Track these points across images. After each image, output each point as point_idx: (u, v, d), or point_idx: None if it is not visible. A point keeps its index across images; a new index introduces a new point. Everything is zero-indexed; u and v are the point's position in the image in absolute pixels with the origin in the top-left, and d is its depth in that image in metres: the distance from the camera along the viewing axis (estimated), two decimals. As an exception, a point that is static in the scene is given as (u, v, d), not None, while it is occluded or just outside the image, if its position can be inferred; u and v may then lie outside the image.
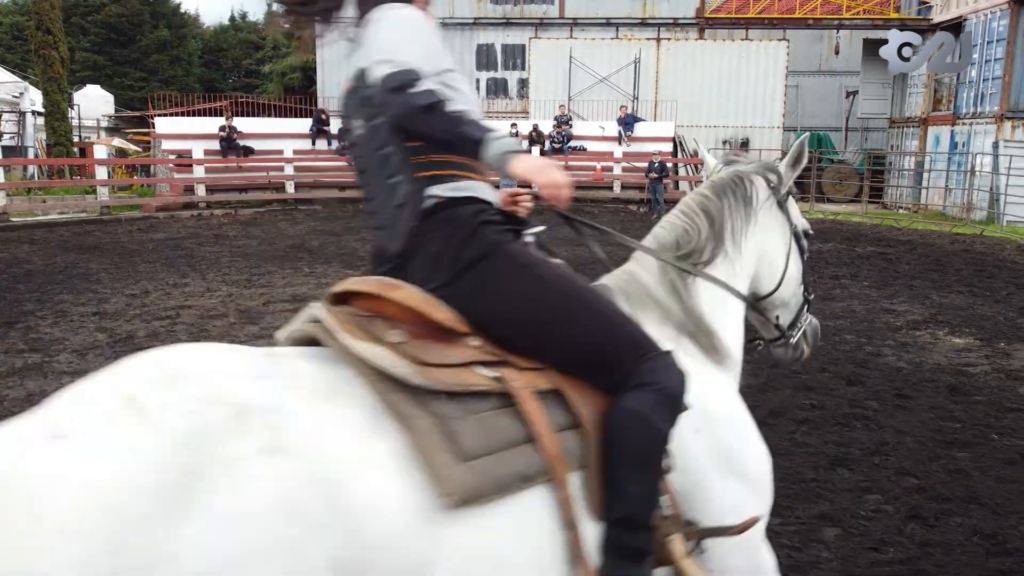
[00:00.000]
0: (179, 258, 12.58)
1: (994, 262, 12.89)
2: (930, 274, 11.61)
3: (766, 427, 5.23)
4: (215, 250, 13.44)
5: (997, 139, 20.24)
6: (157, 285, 10.23)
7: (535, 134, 22.38)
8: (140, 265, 11.88)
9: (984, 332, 8.02)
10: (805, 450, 4.75)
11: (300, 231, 16.22)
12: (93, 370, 5.45)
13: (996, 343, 7.59)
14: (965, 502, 4.08)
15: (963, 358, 7.04)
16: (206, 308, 8.79)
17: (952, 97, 23.23)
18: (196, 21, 57.01)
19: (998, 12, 20.77)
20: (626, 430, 1.63)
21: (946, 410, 5.54)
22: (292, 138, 21.20)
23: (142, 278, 10.74)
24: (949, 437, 5.00)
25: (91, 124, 29.70)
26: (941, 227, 18.10)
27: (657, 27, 25.94)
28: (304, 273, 11.17)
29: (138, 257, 12.67)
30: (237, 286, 10.16)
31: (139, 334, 7.59)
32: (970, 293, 10.16)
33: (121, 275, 10.97)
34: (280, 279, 10.69)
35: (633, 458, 1.62)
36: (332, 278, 10.71)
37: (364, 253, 13.05)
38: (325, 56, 25.99)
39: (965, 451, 4.79)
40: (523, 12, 25.85)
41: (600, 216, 19.57)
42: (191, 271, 11.33)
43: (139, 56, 45.36)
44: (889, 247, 14.66)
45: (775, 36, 25.67)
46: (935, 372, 6.53)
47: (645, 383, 1.66)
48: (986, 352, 7.26)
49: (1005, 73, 20.32)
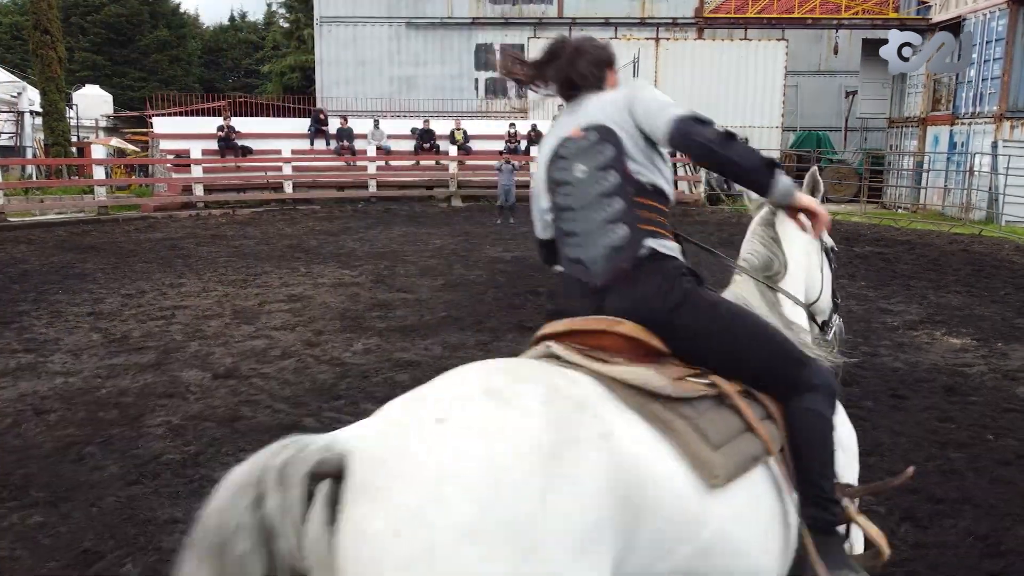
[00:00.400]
0: (176, 258, 12.56)
1: (992, 262, 12.87)
2: (928, 274, 11.60)
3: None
4: (212, 250, 13.42)
5: (996, 139, 20.21)
6: (153, 285, 10.21)
7: (533, 134, 22.36)
8: (137, 265, 11.86)
9: (981, 332, 8.01)
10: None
11: (298, 231, 16.20)
12: (87, 371, 5.42)
13: (993, 343, 7.58)
14: (959, 503, 4.07)
15: (960, 358, 7.02)
16: (202, 308, 8.77)
17: (951, 97, 23.22)
18: (196, 21, 56.98)
19: (997, 12, 20.76)
20: (811, 424, 2.05)
21: (942, 410, 5.52)
22: (290, 138, 21.19)
23: (138, 278, 10.72)
24: (944, 437, 4.99)
25: (90, 124, 29.68)
26: (940, 227, 18.09)
27: (656, 27, 25.93)
28: (301, 273, 11.15)
29: (135, 257, 12.65)
30: (233, 286, 10.14)
31: (134, 334, 7.57)
32: (968, 293, 10.15)
33: (117, 275, 10.95)
34: (277, 279, 10.67)
35: (819, 446, 2.05)
36: (328, 278, 10.71)
37: (361, 253, 13.04)
38: (323, 55, 25.98)
39: (960, 452, 4.77)
40: (522, 12, 25.84)
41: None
42: (187, 271, 11.32)
43: (138, 56, 45.34)
44: (887, 247, 14.64)
45: (774, 36, 25.66)
46: (931, 372, 6.51)
47: (814, 385, 2.08)
48: (983, 352, 7.25)
49: (1004, 73, 20.31)
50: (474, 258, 12.53)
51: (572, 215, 2.13)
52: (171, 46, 47.02)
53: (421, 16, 25.67)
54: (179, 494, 4.17)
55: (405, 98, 25.62)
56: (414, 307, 8.89)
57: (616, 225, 2.05)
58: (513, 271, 11.28)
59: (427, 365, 6.53)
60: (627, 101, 2.12)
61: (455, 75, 26.03)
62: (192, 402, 5.63)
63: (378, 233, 15.82)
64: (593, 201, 2.08)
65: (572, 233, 2.14)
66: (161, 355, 6.84)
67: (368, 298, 9.40)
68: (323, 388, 5.95)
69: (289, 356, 6.84)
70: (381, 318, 8.34)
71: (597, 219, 2.07)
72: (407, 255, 12.88)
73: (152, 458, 4.63)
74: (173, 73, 46.30)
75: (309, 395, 5.79)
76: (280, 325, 7.98)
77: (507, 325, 7.96)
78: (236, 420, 5.25)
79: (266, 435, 4.95)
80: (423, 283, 10.38)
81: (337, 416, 5.33)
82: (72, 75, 41.63)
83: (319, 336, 7.54)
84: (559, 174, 2.17)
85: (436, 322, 8.15)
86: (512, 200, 18.00)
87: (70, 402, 5.59)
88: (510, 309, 8.74)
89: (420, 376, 6.19)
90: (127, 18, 45.02)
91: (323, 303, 9.09)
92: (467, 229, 16.55)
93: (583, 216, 2.10)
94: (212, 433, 5.02)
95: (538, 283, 10.35)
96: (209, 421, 5.24)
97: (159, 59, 45.77)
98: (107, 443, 4.85)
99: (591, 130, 2.11)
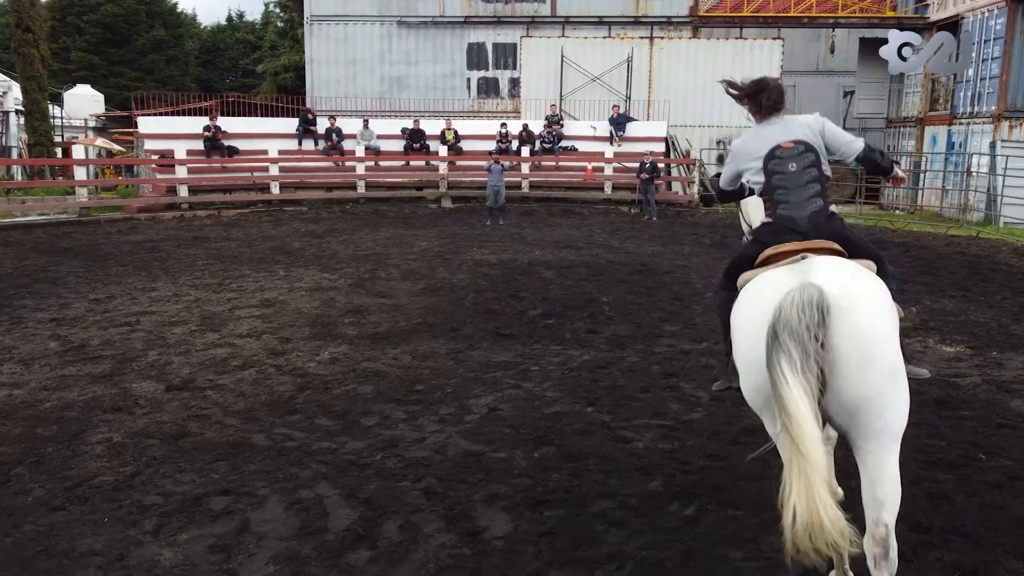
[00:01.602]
0: (153, 261, 12.25)
1: (989, 265, 12.56)
2: (923, 277, 11.29)
3: (739, 444, 4.92)
4: (191, 252, 13.12)
5: (994, 139, 19.90)
6: (124, 289, 9.91)
7: (525, 134, 22.05)
8: (112, 268, 11.55)
9: (976, 340, 7.70)
10: (779, 473, 4.41)
11: (282, 233, 15.89)
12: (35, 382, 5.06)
13: (988, 351, 7.27)
14: (946, 532, 3.76)
15: (953, 368, 6.72)
16: (169, 314, 8.46)
17: (949, 97, 22.90)
18: (193, 21, 56.62)
19: (995, 10, 20.44)
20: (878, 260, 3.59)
21: (932, 426, 5.21)
22: (278, 138, 20.84)
23: (111, 282, 10.42)
24: (933, 457, 4.68)
25: (79, 124, 29.33)
26: (937, 228, 17.78)
27: (650, 25, 25.58)
28: (279, 277, 10.85)
29: (111, 260, 12.34)
30: (207, 290, 9.83)
31: (93, 342, 7.26)
32: (963, 297, 9.84)
33: (90, 278, 10.65)
34: (253, 283, 10.36)
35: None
36: (307, 282, 10.41)
37: (344, 256, 12.74)
38: (314, 54, 25.65)
39: (949, 473, 4.47)
40: (514, 10, 25.48)
41: (590, 218, 19.25)
42: (163, 274, 11.01)
43: (135, 56, 44.94)
44: (882, 249, 14.11)
45: (770, 35, 25.33)
46: (922, 383, 6.17)
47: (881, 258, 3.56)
48: (977, 361, 6.94)
49: (1003, 72, 19.99)
50: (458, 261, 12.22)
51: (785, 192, 3.45)
52: (168, 46, 46.63)
53: (413, 15, 25.33)
54: (104, 522, 3.86)
55: (396, 97, 25.27)
56: (390, 312, 8.58)
57: (816, 199, 3.44)
58: (497, 275, 10.98)
59: (393, 376, 6.23)
60: (819, 126, 3.60)
61: (447, 74, 25.67)
62: (139, 417, 5.33)
63: (364, 235, 15.51)
64: (801, 185, 3.45)
65: (785, 202, 3.44)
66: (116, 365, 6.53)
67: (344, 303, 9.10)
68: (280, 401, 5.64)
69: (250, 366, 6.53)
70: (354, 324, 8.03)
71: (804, 195, 3.43)
72: (391, 258, 12.57)
73: (83, 480, 4.32)
74: (170, 73, 45.89)
75: (264, 409, 5.48)
76: (247, 332, 7.67)
77: (482, 332, 7.65)
78: (181, 437, 4.94)
79: (209, 455, 4.66)
80: (403, 287, 10.08)
81: (288, 433, 5.02)
82: (68, 75, 41.44)
83: (285, 344, 7.23)
84: (774, 165, 3.49)
85: (410, 329, 7.85)
86: (502, 201, 17.68)
87: (9, 417, 5.28)
88: (488, 315, 8.43)
89: (384, 389, 5.90)
90: (124, 18, 44.58)
91: (296, 308, 8.78)
92: (455, 231, 16.25)
93: (794, 193, 3.44)
94: (153, 452, 4.71)
95: (521, 287, 10.05)
96: (153, 438, 4.93)
97: (156, 59, 45.38)
98: (39, 463, 4.55)
99: (799, 143, 3.51)
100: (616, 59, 24.40)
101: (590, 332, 7.73)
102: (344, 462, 4.57)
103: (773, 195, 3.47)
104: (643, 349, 7.12)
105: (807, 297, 2.78)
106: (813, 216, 3.37)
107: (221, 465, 4.52)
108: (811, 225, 3.35)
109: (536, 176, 21.84)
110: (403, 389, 5.90)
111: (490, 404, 5.56)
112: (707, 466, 4.52)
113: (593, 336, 7.58)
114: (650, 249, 14.00)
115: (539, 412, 5.41)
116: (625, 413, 5.40)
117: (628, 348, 7.15)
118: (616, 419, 5.28)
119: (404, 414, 5.38)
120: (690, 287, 10.14)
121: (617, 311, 8.73)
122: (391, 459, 4.62)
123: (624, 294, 9.70)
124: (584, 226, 17.45)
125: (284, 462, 4.57)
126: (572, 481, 4.34)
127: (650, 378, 6.23)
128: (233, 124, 21.32)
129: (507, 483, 4.31)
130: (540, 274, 11.11)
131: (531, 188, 21.56)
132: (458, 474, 4.41)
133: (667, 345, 7.29)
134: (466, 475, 4.39)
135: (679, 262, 12.43)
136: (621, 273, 11.23)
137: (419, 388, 5.92)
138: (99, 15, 44.18)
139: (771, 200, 3.49)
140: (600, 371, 6.40)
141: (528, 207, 20.65)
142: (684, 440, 4.92)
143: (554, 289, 9.97)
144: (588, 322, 8.18)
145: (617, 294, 9.68)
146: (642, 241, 15.10)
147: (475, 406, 5.53)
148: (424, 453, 4.71)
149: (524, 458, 4.64)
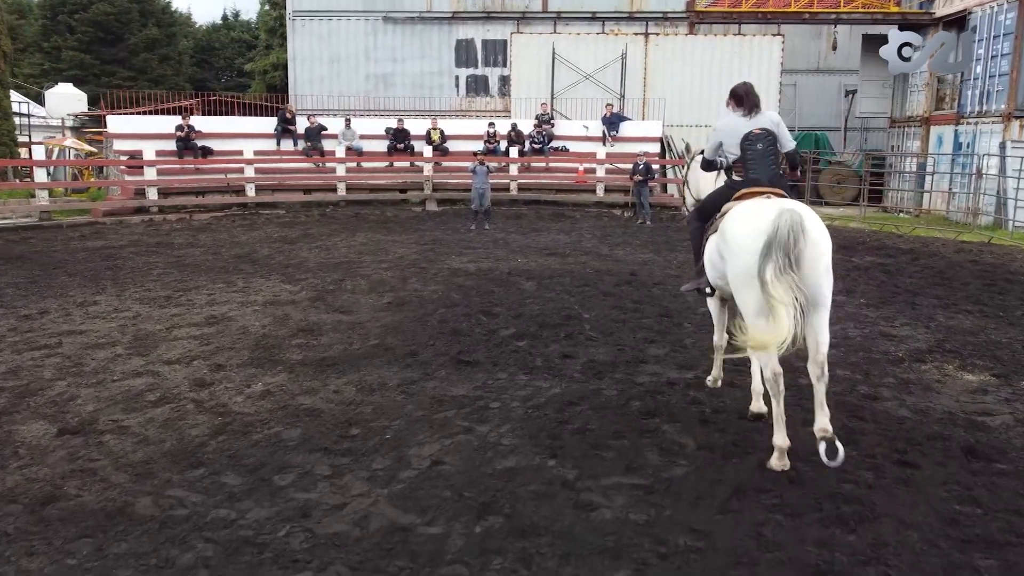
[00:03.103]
0: (106, 270, 11.37)
1: (1005, 275, 11.67)
2: (935, 289, 10.40)
3: (729, 513, 4.04)
4: (150, 260, 12.23)
5: (1004, 139, 19.00)
6: (62, 304, 9.03)
7: (514, 134, 21.15)
8: (59, 278, 10.68)
9: (1001, 365, 6.82)
10: (775, 557, 3.53)
11: (253, 238, 15.01)
12: None
13: (1016, 380, 6.39)
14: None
15: (978, 402, 5.84)
16: (98, 334, 7.57)
17: (956, 95, 21.99)
18: (188, 20, 55.71)
19: (1005, 5, 19.54)
20: None
21: (963, 485, 4.33)
22: (255, 138, 19.93)
23: (51, 294, 9.54)
24: (968, 532, 3.79)
25: (57, 123, 28.44)
26: (945, 233, 16.88)
27: (645, 21, 24.67)
28: (236, 288, 9.97)
29: (61, 269, 11.46)
30: (151, 305, 8.95)
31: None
32: (980, 313, 8.96)
33: (29, 291, 9.77)
34: (205, 296, 9.49)
35: None
36: (264, 294, 9.55)
37: (313, 264, 11.87)
38: (296, 51, 24.75)
39: (990, 556, 3.58)
40: (504, 5, 24.58)
41: (581, 221, 18.36)
42: (111, 285, 10.14)
43: (127, 55, 44.02)
44: (889, 256, 13.45)
45: (770, 31, 24.44)
46: (945, 425, 5.32)
47: None
48: (1005, 394, 6.06)
49: (1013, 69, 19.09)
50: (434, 270, 11.34)
51: (755, 163, 5.11)
52: (161, 45, 45.69)
53: (399, 10, 24.41)
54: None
55: (382, 96, 24.36)
56: (345, 332, 7.70)
57: (775, 167, 5.11)
58: (472, 286, 10.10)
59: (328, 416, 5.34)
60: (778, 123, 5.26)
61: (435, 72, 24.74)
62: (10, 472, 4.44)
63: (339, 241, 14.64)
64: (766, 160, 5.11)
65: (754, 169, 5.10)
66: (12, 400, 5.65)
67: (297, 320, 8.22)
68: (185, 451, 4.75)
69: (166, 401, 5.65)
70: (300, 347, 7.15)
71: (767, 164, 5.10)
72: (362, 267, 11.69)
73: (-99, 569, 3.44)
74: (163, 72, 44.96)
75: (163, 460, 4.59)
76: (177, 357, 6.78)
77: (442, 358, 6.76)
78: (50, 503, 4.05)
79: (74, 529, 3.79)
80: (367, 301, 9.19)
81: (182, 496, 4.13)
82: (59, 74, 40.52)
83: (216, 373, 6.34)
84: (747, 144, 5.14)
85: (363, 353, 6.96)
86: (487, 204, 16.79)
87: None
88: (452, 336, 7.54)
89: (312, 434, 5.01)
90: (116, 16, 43.65)
91: (242, 327, 7.90)
92: (437, 236, 15.36)
93: (761, 163, 5.10)
94: (7, 525, 3.83)
95: (496, 301, 9.16)
96: (15, 503, 4.05)
97: (149, 58, 44.44)
98: None
99: (764, 131, 5.16)
100: (610, 56, 23.52)
101: (565, 357, 6.84)
102: (238, 540, 3.69)
103: (746, 164, 5.17)
104: (623, 379, 6.23)
105: (794, 218, 4.32)
106: (772, 177, 5.08)
107: (84, 545, 3.63)
108: (769, 182, 5.02)
109: (525, 178, 20.96)
110: (335, 434, 5.01)
111: (434, 455, 4.67)
112: (688, 547, 3.63)
113: (567, 362, 6.69)
114: (641, 256, 13.11)
115: (490, 467, 4.51)
116: (593, 468, 4.51)
117: (606, 378, 6.26)
118: (582, 476, 4.39)
119: (328, 469, 4.49)
120: (681, 301, 9.24)
121: (598, 330, 7.84)
122: (297, 535, 3.74)
123: (608, 309, 8.82)
124: (574, 230, 16.56)
125: (164, 540, 3.69)
126: (518, 570, 3.45)
127: (627, 419, 5.33)
128: (208, 123, 20.43)
129: (435, 574, 3.42)
130: (519, 285, 10.22)
131: (520, 190, 20.67)
132: (375, 560, 3.52)
133: (651, 374, 6.40)
134: (385, 562, 3.50)
135: (671, 271, 11.54)
136: (607, 284, 10.34)
137: (354, 433, 5.03)
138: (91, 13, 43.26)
139: (744, 168, 5.20)
140: (570, 409, 5.51)
141: (516, 210, 19.76)
142: (662, 508, 4.02)
143: (531, 304, 9.08)
144: (564, 344, 7.30)
145: (600, 310, 8.80)
146: (633, 247, 14.21)
147: (415, 458, 4.64)
148: (340, 527, 3.82)
149: (463, 534, 3.75)
